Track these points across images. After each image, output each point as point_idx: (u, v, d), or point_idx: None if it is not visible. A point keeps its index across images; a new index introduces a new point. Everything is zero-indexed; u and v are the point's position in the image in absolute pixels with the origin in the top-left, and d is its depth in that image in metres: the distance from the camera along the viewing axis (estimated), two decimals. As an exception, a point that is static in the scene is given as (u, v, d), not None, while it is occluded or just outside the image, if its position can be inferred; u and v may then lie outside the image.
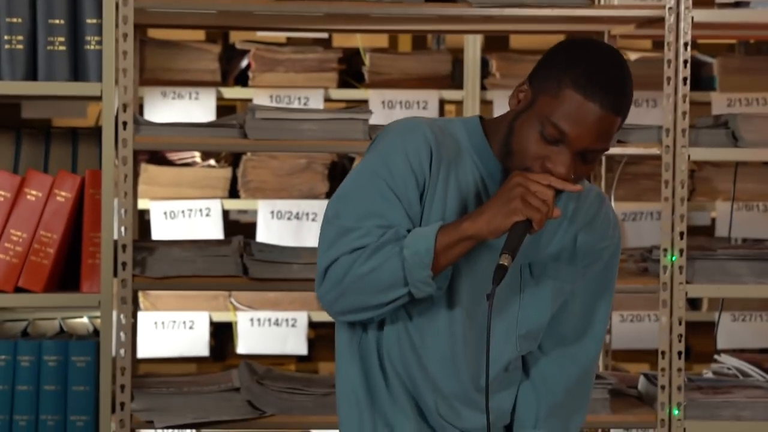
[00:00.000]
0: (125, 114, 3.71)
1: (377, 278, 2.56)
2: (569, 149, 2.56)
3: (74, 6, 3.66)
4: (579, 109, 2.55)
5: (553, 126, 2.55)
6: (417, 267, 2.54)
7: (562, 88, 2.56)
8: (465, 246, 2.55)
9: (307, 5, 3.85)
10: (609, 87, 2.57)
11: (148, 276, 3.81)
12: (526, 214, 2.51)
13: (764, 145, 3.98)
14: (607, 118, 2.55)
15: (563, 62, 2.59)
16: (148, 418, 3.76)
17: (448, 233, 2.54)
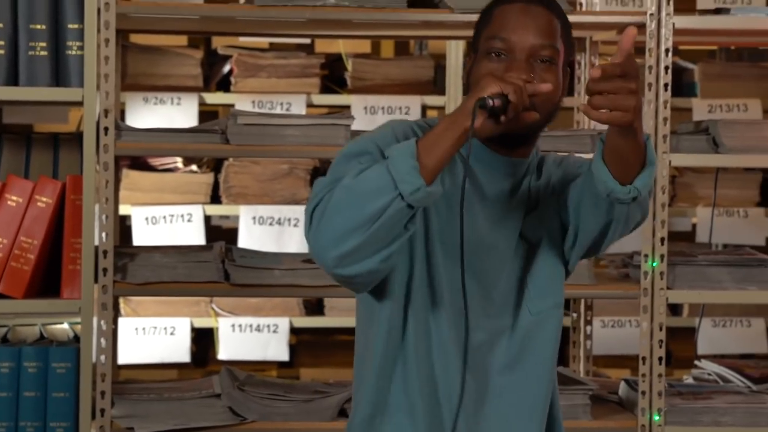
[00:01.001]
0: (107, 119, 3.70)
1: (363, 185, 2.46)
2: (519, 55, 2.58)
3: (56, 11, 3.65)
4: (508, 12, 2.61)
5: (494, 39, 2.60)
6: (401, 158, 2.44)
7: (491, 13, 2.64)
8: (448, 140, 2.47)
9: (290, 11, 3.84)
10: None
11: (129, 282, 3.80)
12: (501, 88, 2.48)
13: (745, 151, 3.99)
14: (537, 11, 2.61)
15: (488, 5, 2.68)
16: (128, 424, 3.75)
17: (427, 133, 2.49)
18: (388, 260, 2.50)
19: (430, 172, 2.44)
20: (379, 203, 2.43)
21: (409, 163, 2.43)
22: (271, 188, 5.03)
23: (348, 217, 2.45)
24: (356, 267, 2.49)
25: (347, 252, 2.46)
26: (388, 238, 2.46)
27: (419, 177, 2.42)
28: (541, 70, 2.59)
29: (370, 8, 3.85)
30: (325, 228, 2.48)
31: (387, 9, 3.86)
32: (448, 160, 2.47)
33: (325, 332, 5.29)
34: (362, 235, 2.44)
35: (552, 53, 2.61)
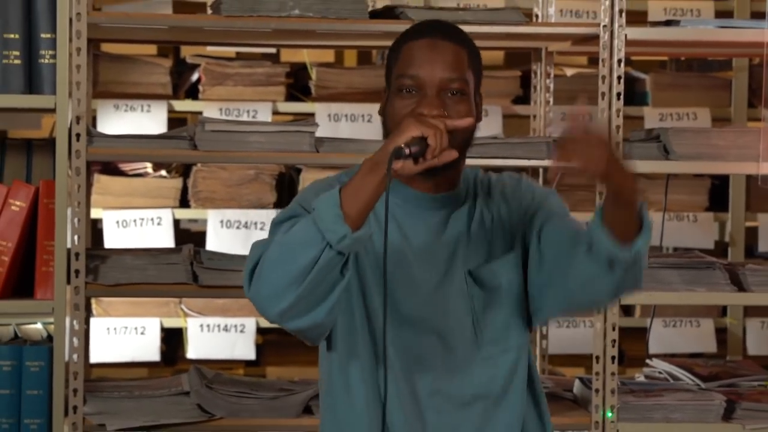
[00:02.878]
0: (78, 126, 3.70)
1: (292, 239, 2.44)
2: (429, 91, 2.56)
3: (29, 20, 3.65)
4: (415, 48, 2.59)
5: (404, 77, 2.58)
6: (325, 209, 2.41)
7: (399, 50, 2.62)
8: (369, 185, 2.43)
9: (256, 21, 3.85)
10: (432, 23, 2.66)
11: (100, 283, 3.80)
12: (421, 130, 2.44)
13: (694, 158, 4.01)
14: (439, 45, 2.58)
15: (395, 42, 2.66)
16: (100, 421, 3.75)
17: (349, 180, 2.45)
18: (333, 311, 2.50)
19: (355, 218, 2.42)
20: (310, 255, 2.41)
21: (333, 212, 2.41)
22: (238, 193, 5.03)
23: (282, 273, 2.44)
24: (301, 320, 2.49)
25: (288, 307, 2.46)
26: (326, 287, 2.45)
27: (344, 225, 2.40)
28: (453, 103, 2.57)
29: (333, 19, 3.87)
30: (262, 286, 2.48)
31: (349, 20, 3.88)
32: (371, 204, 2.44)
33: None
34: (299, 288, 2.43)
35: (461, 85, 2.58)
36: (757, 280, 4.06)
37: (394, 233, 2.61)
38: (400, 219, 2.64)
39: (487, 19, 3.97)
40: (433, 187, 2.65)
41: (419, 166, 2.46)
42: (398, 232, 2.63)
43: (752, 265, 4.14)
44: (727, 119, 5.18)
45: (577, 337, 4.99)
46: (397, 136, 2.45)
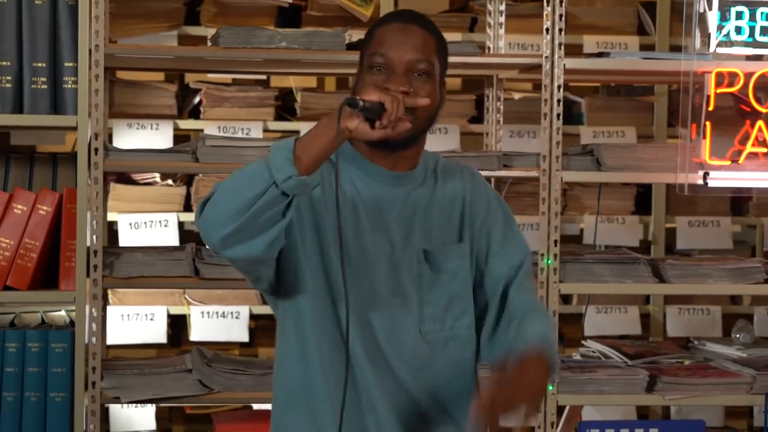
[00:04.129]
0: (97, 141, 3.69)
1: (243, 175, 2.30)
2: (398, 69, 2.43)
3: (54, 51, 3.64)
4: (387, 31, 2.47)
5: (375, 55, 2.46)
6: (278, 151, 2.28)
7: (373, 33, 2.51)
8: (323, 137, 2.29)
9: (249, 52, 3.84)
10: (405, 11, 2.56)
11: (115, 276, 3.79)
12: (379, 96, 2.29)
13: (622, 169, 4.03)
14: (410, 29, 2.47)
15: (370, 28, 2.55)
16: (115, 394, 3.74)
17: (307, 132, 2.32)
18: (270, 248, 2.34)
19: (305, 164, 2.27)
20: (256, 190, 2.26)
21: (284, 154, 2.27)
22: (233, 199, 5.02)
23: (229, 203, 2.29)
24: (239, 249, 2.33)
25: (229, 234, 2.30)
26: (266, 222, 2.29)
27: (292, 167, 2.25)
28: (419, 83, 2.44)
29: (315, 50, 3.87)
30: (210, 213, 2.33)
31: (329, 51, 3.88)
32: (323, 154, 2.29)
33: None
34: (241, 219, 2.28)
35: (428, 67, 2.45)
36: (675, 273, 4.07)
37: (351, 203, 2.48)
38: (360, 190, 2.50)
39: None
40: (393, 164, 2.51)
41: (375, 132, 2.31)
42: (356, 201, 2.49)
43: (671, 260, 4.16)
44: (650, 137, 5.19)
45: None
46: (359, 93, 2.32)
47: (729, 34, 3.96)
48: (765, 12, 3.96)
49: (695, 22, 3.97)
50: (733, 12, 3.95)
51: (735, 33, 3.96)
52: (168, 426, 5.14)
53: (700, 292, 4.73)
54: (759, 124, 4.01)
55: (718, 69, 3.97)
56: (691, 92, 3.97)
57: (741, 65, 3.99)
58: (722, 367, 4.13)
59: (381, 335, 2.48)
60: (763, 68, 3.99)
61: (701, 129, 3.97)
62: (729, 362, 4.17)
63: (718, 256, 4.44)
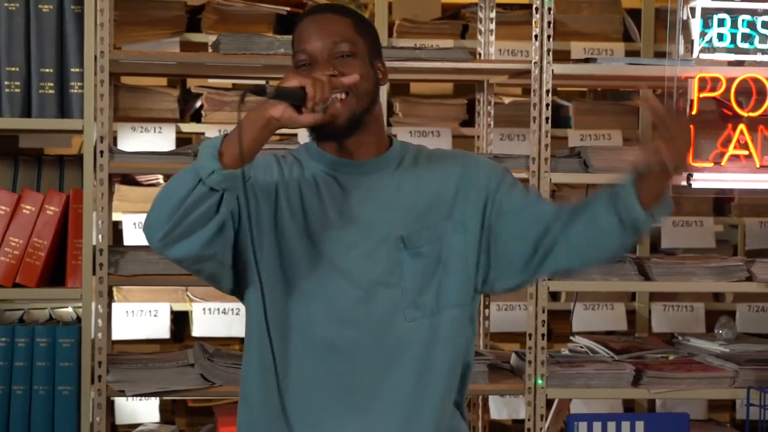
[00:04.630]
0: (102, 144, 3.70)
1: (177, 177, 2.28)
2: (320, 59, 2.34)
3: (61, 57, 3.65)
4: (302, 27, 2.39)
5: (297, 53, 2.38)
6: (205, 149, 2.23)
7: (294, 32, 2.42)
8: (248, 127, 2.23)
9: (248, 58, 3.86)
10: (318, 5, 2.49)
11: (120, 274, 3.80)
12: (300, 81, 2.21)
13: (609, 171, 4.04)
14: (325, 17, 2.39)
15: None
16: (120, 387, 3.75)
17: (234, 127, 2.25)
18: (210, 245, 2.29)
19: (230, 159, 2.21)
20: (186, 188, 2.23)
21: (209, 152, 2.22)
22: (234, 200, 5.03)
23: (164, 205, 2.27)
24: (177, 248, 2.29)
25: (165, 234, 2.27)
26: (199, 219, 2.25)
27: (216, 161, 2.20)
28: (344, 65, 2.34)
29: (313, 57, 3.87)
30: (149, 216, 2.32)
31: (327, 57, 3.88)
32: (250, 148, 2.22)
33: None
34: (173, 218, 2.25)
35: (349, 47, 2.36)
36: (659, 271, 4.09)
37: (314, 198, 2.39)
38: (321, 183, 2.40)
39: (439, 57, 3.99)
40: (353, 152, 2.40)
41: (304, 117, 2.23)
42: (318, 196, 2.39)
43: (656, 258, 4.18)
44: (635, 139, 5.21)
45: (514, 317, 5.00)
46: (280, 83, 2.23)
47: (711, 41, 3.98)
48: (746, 20, 3.98)
49: (679, 29, 3.98)
50: (715, 19, 3.97)
51: (717, 40, 3.98)
52: (171, 418, 5.14)
53: (684, 290, 4.75)
54: (740, 128, 4.03)
55: (701, 74, 3.99)
56: (675, 97, 3.99)
57: (723, 71, 4.01)
58: (706, 362, 4.15)
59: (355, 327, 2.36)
60: (744, 74, 4.01)
61: (685, 132, 3.98)
62: (712, 357, 4.19)
63: (702, 255, 4.46)
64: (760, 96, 4.02)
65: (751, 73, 4.02)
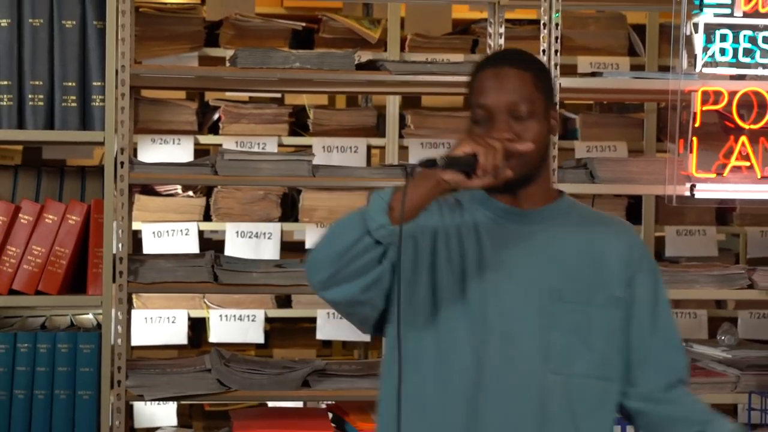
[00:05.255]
0: (123, 156, 3.70)
1: (343, 222, 2.25)
2: (498, 116, 2.29)
3: (83, 71, 3.65)
4: (482, 79, 2.33)
5: (475, 108, 2.32)
6: (376, 200, 2.21)
7: (472, 82, 2.37)
8: (419, 187, 2.20)
9: (265, 72, 3.85)
10: (497, 54, 2.45)
11: (139, 282, 3.79)
12: (474, 148, 2.17)
13: (614, 181, 4.03)
14: (506, 72, 2.31)
15: (471, 74, 2.41)
16: (139, 392, 3.74)
17: (405, 184, 2.21)
18: (367, 291, 2.27)
19: (398, 214, 2.18)
20: (352, 237, 2.21)
21: (380, 204, 2.20)
22: (250, 209, 5.02)
23: (328, 248, 2.25)
24: (336, 291, 2.27)
25: (327, 277, 2.25)
26: (361, 267, 2.23)
27: (385, 216, 2.18)
28: (521, 126, 2.29)
29: (327, 70, 3.88)
30: (312, 257, 2.29)
31: (340, 71, 3.88)
32: (417, 206, 2.19)
33: (292, 321, 5.29)
34: (337, 263, 2.23)
35: (527, 108, 2.29)
36: (664, 279, 4.01)
37: (473, 244, 2.34)
38: (482, 230, 2.35)
39: (449, 70, 3.98)
40: (518, 201, 2.36)
41: (473, 181, 2.18)
42: (477, 242, 2.34)
43: (660, 267, 4.13)
44: (640, 151, 5.19)
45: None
46: (453, 149, 2.20)
47: (714, 56, 3.96)
48: (747, 35, 3.97)
49: (682, 44, 3.97)
50: (717, 35, 3.95)
51: (719, 54, 3.97)
52: (188, 422, 5.14)
53: (688, 297, 4.72)
54: (742, 140, 4.01)
55: (703, 88, 3.97)
56: (679, 109, 3.97)
57: (725, 84, 3.99)
58: (708, 368, 4.13)
59: (494, 371, 2.30)
60: (746, 87, 3.99)
61: (688, 144, 3.97)
62: (715, 363, 4.17)
63: (704, 263, 4.44)
64: (761, 109, 4.00)
65: (752, 86, 4.00)
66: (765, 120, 4.00)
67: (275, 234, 4.95)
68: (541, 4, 3.96)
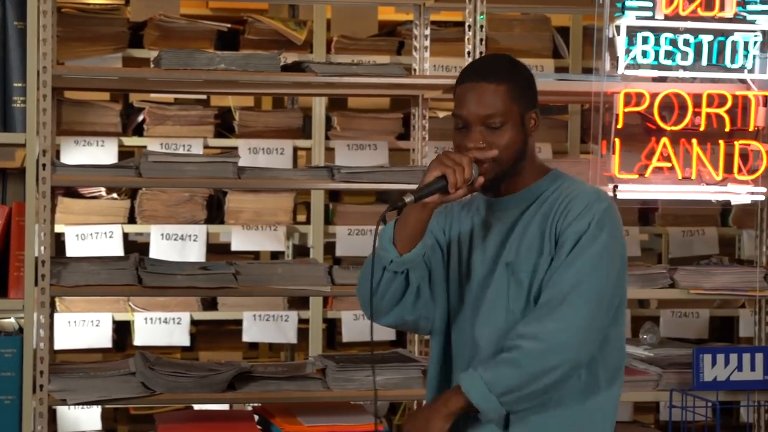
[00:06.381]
0: (45, 158, 3.66)
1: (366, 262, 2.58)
2: (473, 126, 2.54)
3: (4, 72, 3.60)
4: (461, 91, 2.57)
5: (456, 116, 2.57)
6: (383, 236, 2.54)
7: (455, 92, 2.60)
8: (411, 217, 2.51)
9: (190, 74, 3.83)
10: (473, 67, 2.63)
11: (62, 285, 3.75)
12: (442, 170, 2.46)
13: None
14: (480, 87, 2.55)
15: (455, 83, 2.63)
16: (62, 396, 3.70)
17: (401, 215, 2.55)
18: (414, 309, 2.60)
19: (402, 244, 2.51)
20: (375, 275, 2.54)
21: (386, 240, 2.53)
22: (175, 211, 4.99)
23: (363, 286, 2.59)
24: (386, 319, 2.61)
25: (372, 311, 2.57)
26: (396, 294, 2.57)
27: (393, 249, 2.51)
28: (493, 135, 2.53)
29: (252, 71, 3.86)
30: (357, 294, 2.64)
31: (265, 72, 3.87)
32: (415, 232, 2.51)
33: (218, 323, 5.26)
34: (373, 297, 2.55)
35: (500, 120, 2.54)
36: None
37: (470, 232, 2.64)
38: (479, 219, 2.65)
39: (375, 72, 3.98)
40: (502, 192, 2.62)
41: (451, 196, 2.49)
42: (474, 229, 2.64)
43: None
44: (564, 152, 5.24)
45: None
46: (424, 176, 2.49)
47: (636, 58, 4.01)
48: (668, 38, 4.02)
49: (605, 47, 4.01)
50: (639, 37, 4.00)
51: (641, 57, 4.02)
52: (113, 426, 5.09)
53: (611, 297, 4.76)
54: (663, 141, 4.07)
55: (626, 90, 4.02)
56: (602, 111, 4.01)
57: (647, 86, 4.04)
58: (631, 366, 4.17)
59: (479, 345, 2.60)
60: (667, 89, 4.05)
61: (611, 145, 4.02)
62: (637, 361, 4.22)
63: (628, 263, 4.48)
64: (682, 110, 4.06)
65: (673, 88, 4.06)
66: (686, 121, 4.06)
67: (201, 236, 4.92)
68: (467, 6, 3.98)
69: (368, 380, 3.85)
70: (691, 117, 4.06)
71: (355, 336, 5.01)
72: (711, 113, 4.08)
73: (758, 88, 4.10)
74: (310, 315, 5.04)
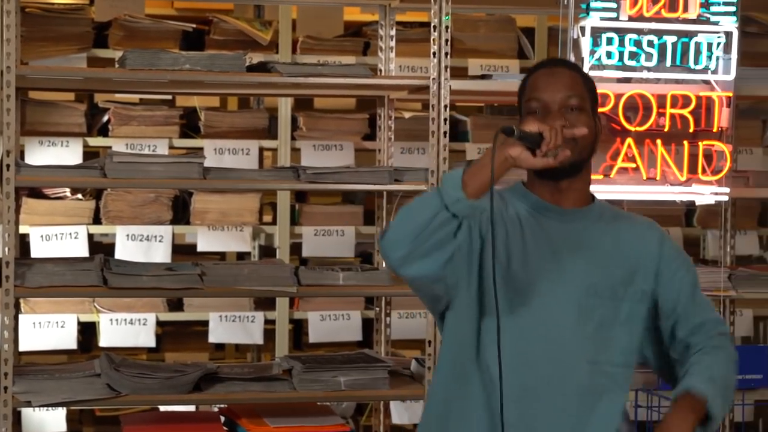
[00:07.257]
0: (9, 158, 3.63)
1: (419, 201, 2.38)
2: (552, 108, 2.46)
3: (-33, 72, 3.57)
4: (538, 77, 2.51)
5: (531, 101, 2.49)
6: (449, 178, 2.35)
7: (526, 82, 2.53)
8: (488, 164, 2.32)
9: (155, 74, 3.82)
10: (550, 59, 2.70)
11: (27, 286, 3.73)
12: (538, 126, 2.33)
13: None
14: (560, 71, 2.51)
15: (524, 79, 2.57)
16: (26, 398, 3.68)
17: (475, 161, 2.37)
18: (444, 267, 2.38)
19: (472, 190, 2.32)
20: (429, 212, 2.33)
21: (454, 181, 2.33)
22: (140, 212, 4.97)
23: (406, 225, 2.36)
24: (415, 267, 2.37)
25: (406, 253, 2.35)
26: (438, 242, 2.34)
27: (461, 190, 2.31)
28: (573, 116, 2.47)
29: (217, 72, 3.86)
30: (389, 235, 2.39)
31: (230, 72, 3.87)
32: (488, 181, 2.32)
33: (184, 324, 5.24)
34: (416, 239, 2.34)
35: (579, 102, 2.49)
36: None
37: (517, 236, 2.49)
38: (524, 223, 2.51)
39: (341, 73, 3.99)
40: (560, 198, 2.52)
41: (537, 160, 2.34)
42: (521, 234, 2.49)
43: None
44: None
45: (414, 325, 5.01)
46: (521, 126, 2.36)
47: (600, 59, 4.03)
48: (632, 38, 4.04)
49: (570, 47, 4.03)
50: (603, 38, 4.02)
51: (606, 57, 4.04)
52: (78, 428, 5.06)
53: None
54: (628, 142, 4.09)
55: (591, 90, 4.03)
56: (567, 112, 4.02)
57: (612, 87, 4.07)
58: (596, 366, 4.18)
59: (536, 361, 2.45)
60: (632, 90, 4.07)
61: (576, 146, 4.03)
62: (603, 361, 4.22)
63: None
64: (647, 111, 4.08)
65: (637, 89, 4.08)
66: (650, 122, 4.08)
67: (166, 237, 4.90)
68: (432, 6, 3.99)
69: (334, 381, 3.85)
70: (656, 118, 4.09)
71: (321, 337, 5.00)
72: (675, 114, 4.11)
73: (722, 89, 4.13)
74: (276, 316, 5.03)
